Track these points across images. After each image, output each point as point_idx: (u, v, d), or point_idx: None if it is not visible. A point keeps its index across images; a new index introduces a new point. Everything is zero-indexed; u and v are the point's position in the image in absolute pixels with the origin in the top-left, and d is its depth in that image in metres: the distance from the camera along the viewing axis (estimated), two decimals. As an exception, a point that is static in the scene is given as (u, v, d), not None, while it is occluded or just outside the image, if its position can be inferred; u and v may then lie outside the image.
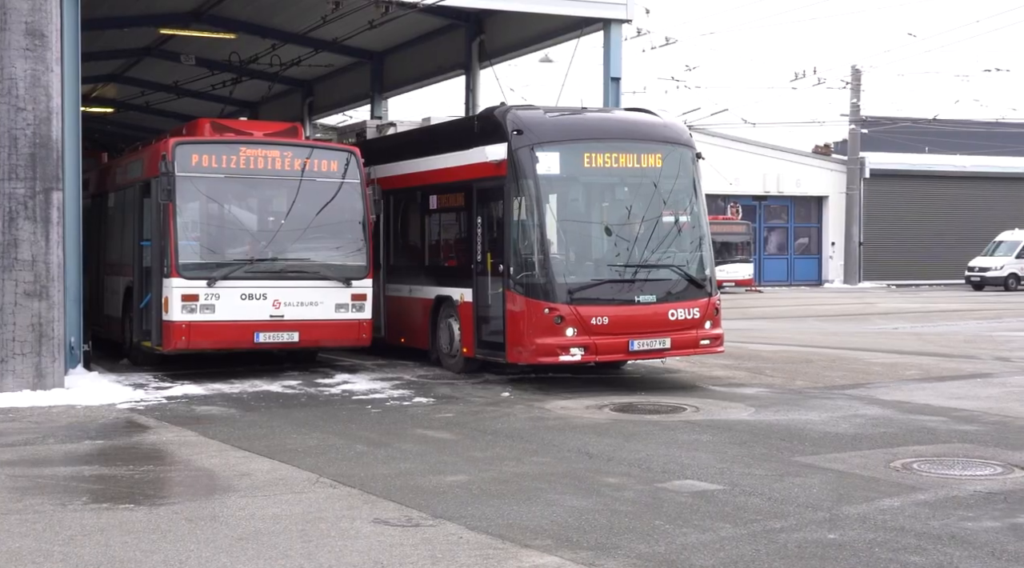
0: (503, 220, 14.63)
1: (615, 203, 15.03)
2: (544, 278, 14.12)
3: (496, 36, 23.31)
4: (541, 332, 14.03)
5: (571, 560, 6.94)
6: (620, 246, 14.64)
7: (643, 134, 15.16)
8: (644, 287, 14.51)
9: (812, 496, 8.59)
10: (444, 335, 16.24)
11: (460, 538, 7.44)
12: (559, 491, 8.78)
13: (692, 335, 14.69)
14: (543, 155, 14.33)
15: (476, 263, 15.35)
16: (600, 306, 14.22)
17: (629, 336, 14.27)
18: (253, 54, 26.19)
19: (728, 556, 7.00)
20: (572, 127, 14.91)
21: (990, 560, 6.91)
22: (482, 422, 12.20)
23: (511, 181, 14.43)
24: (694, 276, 14.96)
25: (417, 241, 17.65)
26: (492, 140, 14.82)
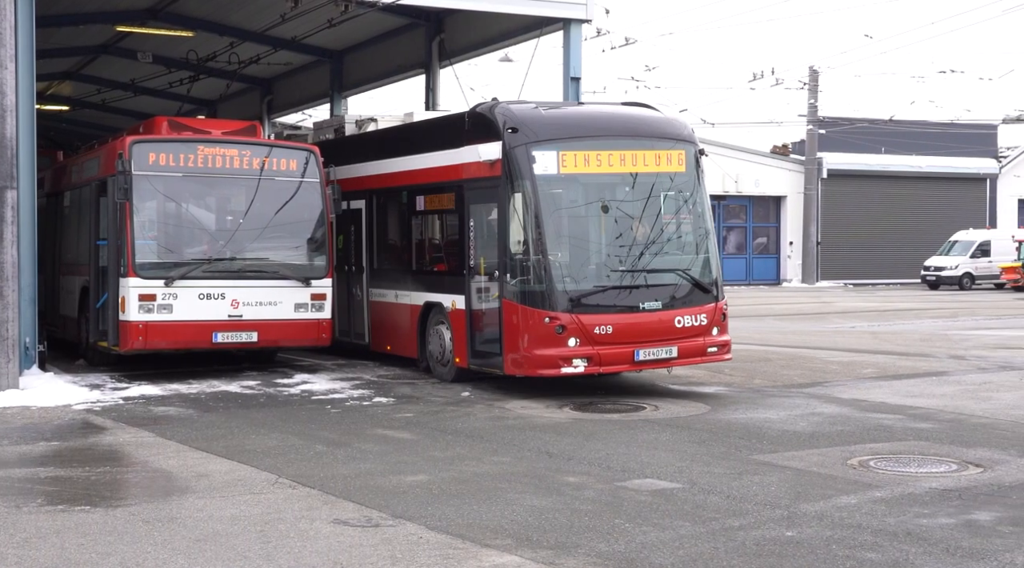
0: (498, 223, 13.80)
1: (616, 204, 13.95)
2: (544, 285, 13.24)
3: (456, 35, 23.30)
4: (541, 342, 13.18)
5: (531, 559, 6.95)
6: (623, 250, 13.71)
7: (645, 131, 14.28)
8: (649, 293, 13.64)
9: (770, 494, 8.65)
10: (434, 343, 15.36)
11: (420, 538, 7.43)
12: (519, 490, 8.78)
13: (699, 343, 13.86)
14: (540, 154, 13.49)
15: (469, 268, 14.42)
16: (603, 314, 13.34)
17: (634, 345, 13.41)
18: (211, 52, 26.01)
19: (687, 554, 7.04)
20: (570, 124, 14.15)
21: (945, 556, 6.99)
22: (442, 422, 12.18)
23: (506, 182, 13.57)
24: (701, 280, 14.10)
25: (403, 244, 16.77)
26: (485, 138, 13.97)
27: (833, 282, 50.88)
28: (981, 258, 47.30)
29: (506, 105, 14.21)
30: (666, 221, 14.17)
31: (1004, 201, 56.87)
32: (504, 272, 13.61)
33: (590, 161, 13.79)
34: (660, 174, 14.07)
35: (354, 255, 17.67)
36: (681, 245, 14.31)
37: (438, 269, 15.63)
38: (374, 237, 17.35)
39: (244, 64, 26.24)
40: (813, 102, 49.75)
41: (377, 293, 17.05)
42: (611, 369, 13.56)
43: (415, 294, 15.90)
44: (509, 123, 13.71)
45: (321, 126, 20.21)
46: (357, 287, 17.52)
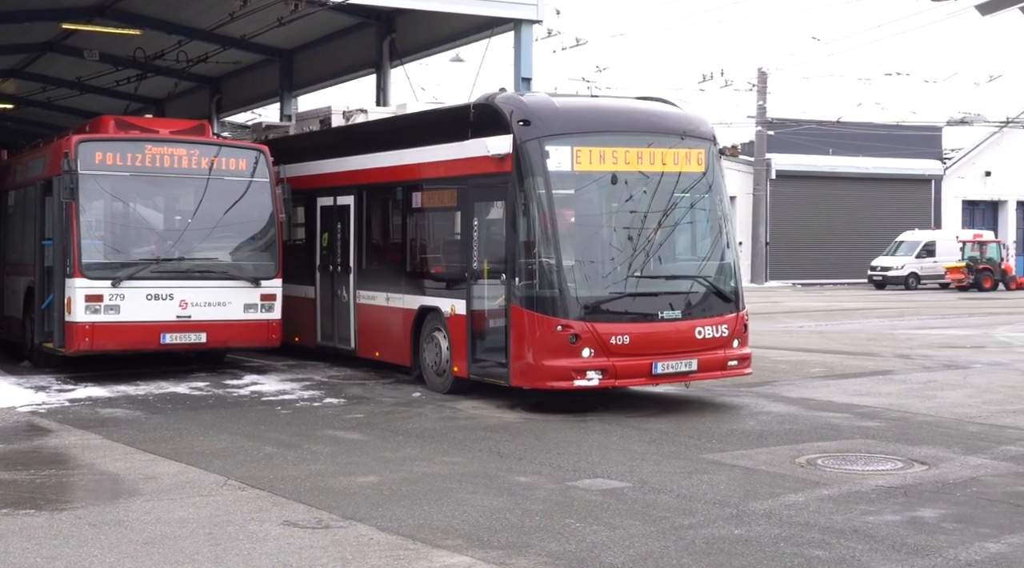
0: (505, 223, 12.82)
1: (633, 204, 12.92)
2: (556, 290, 12.30)
3: (407, 35, 23.24)
4: (552, 352, 12.25)
5: (482, 559, 6.96)
6: (640, 254, 12.78)
7: (664, 127, 13.29)
8: (668, 301, 12.74)
9: (720, 493, 8.71)
10: (430, 351, 14.26)
11: (371, 539, 7.41)
12: (470, 491, 8.78)
13: (720, 355, 12.96)
14: (554, 149, 12.52)
15: (471, 271, 13.34)
16: (620, 323, 12.42)
17: (652, 357, 12.49)
18: (159, 50, 25.74)
19: (637, 553, 7.07)
20: (585, 117, 13.11)
21: (890, 553, 7.08)
22: (393, 423, 12.15)
23: (516, 179, 12.58)
24: (722, 288, 13.24)
25: (397, 243, 15.62)
26: (493, 131, 12.98)
27: (782, 282, 51.36)
28: (926, 258, 47.97)
29: (517, 96, 13.41)
30: (686, 223, 13.41)
31: (948, 202, 57.70)
32: (512, 275, 12.65)
33: (606, 158, 12.80)
34: (681, 173, 13.17)
35: (340, 254, 16.65)
36: (701, 250, 13.48)
37: (435, 271, 14.66)
38: (363, 235, 16.27)
39: (192, 63, 26.00)
40: (762, 103, 50.17)
41: (365, 295, 15.96)
42: (627, 382, 12.72)
43: (409, 297, 14.84)
44: (520, 115, 12.78)
45: (305, 117, 19.24)
46: (343, 288, 16.50)
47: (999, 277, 46.32)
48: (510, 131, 12.75)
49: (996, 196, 58.63)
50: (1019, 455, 10.25)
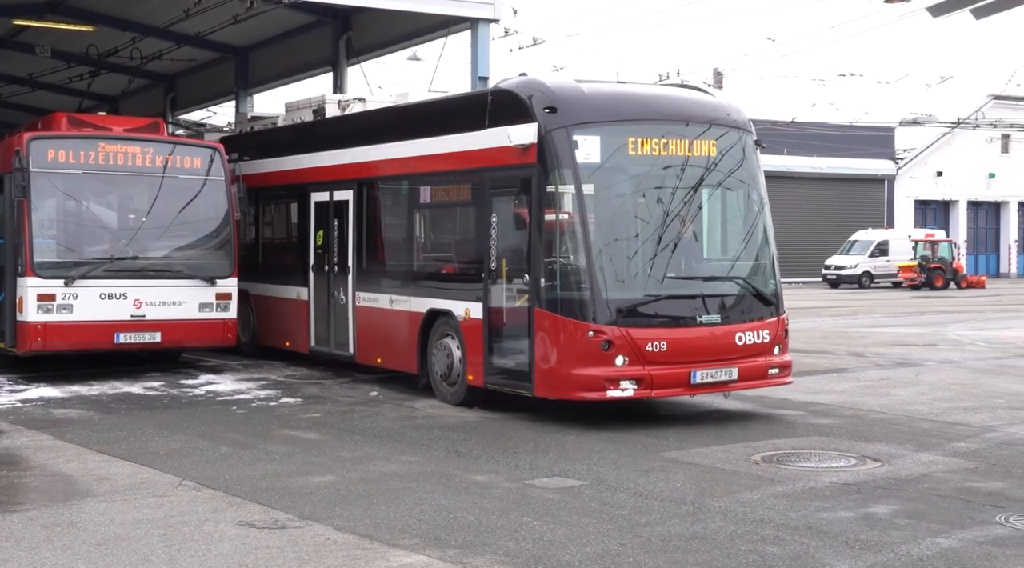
0: (530, 219, 11.79)
1: (667, 198, 11.92)
2: (587, 293, 11.35)
3: (364, 33, 23.16)
4: (583, 361, 11.32)
5: (439, 558, 6.95)
6: (677, 253, 11.86)
7: (699, 115, 12.29)
8: (707, 304, 11.85)
9: (676, 490, 8.76)
10: (439, 358, 13.21)
11: (327, 539, 7.38)
12: (427, 490, 8.78)
13: (760, 363, 12.10)
14: (583, 139, 11.55)
15: (489, 271, 12.33)
16: (657, 328, 11.51)
17: (690, 365, 11.58)
18: (112, 47, 25.51)
19: (594, 551, 7.10)
20: (617, 105, 12.10)
21: (844, 549, 7.15)
22: (350, 422, 12.12)
23: (541, 171, 11.61)
24: (762, 290, 12.31)
25: (402, 241, 14.53)
26: (515, 119, 12.01)
27: (737, 281, 51.66)
28: (880, 257, 48.50)
29: (541, 80, 12.32)
30: (724, 220, 12.58)
31: (901, 201, 58.37)
32: (536, 276, 11.65)
33: (638, 148, 11.80)
34: (717, 165, 12.22)
35: (337, 254, 15.51)
36: (739, 247, 12.59)
37: (446, 272, 13.63)
38: (363, 233, 15.09)
39: (146, 60, 25.79)
40: (717, 103, 50.42)
41: (366, 297, 14.81)
42: (664, 393, 11.83)
43: (416, 300, 13.74)
44: (546, 101, 11.82)
45: (295, 107, 17.93)
46: (340, 290, 15.35)
47: (950, 276, 46.90)
48: (534, 119, 11.79)
49: (947, 196, 59.41)
50: (969, 451, 10.39)
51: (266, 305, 17.49)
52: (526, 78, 12.54)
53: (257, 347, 17.81)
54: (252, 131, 18.84)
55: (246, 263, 17.47)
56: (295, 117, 17.64)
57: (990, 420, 12.18)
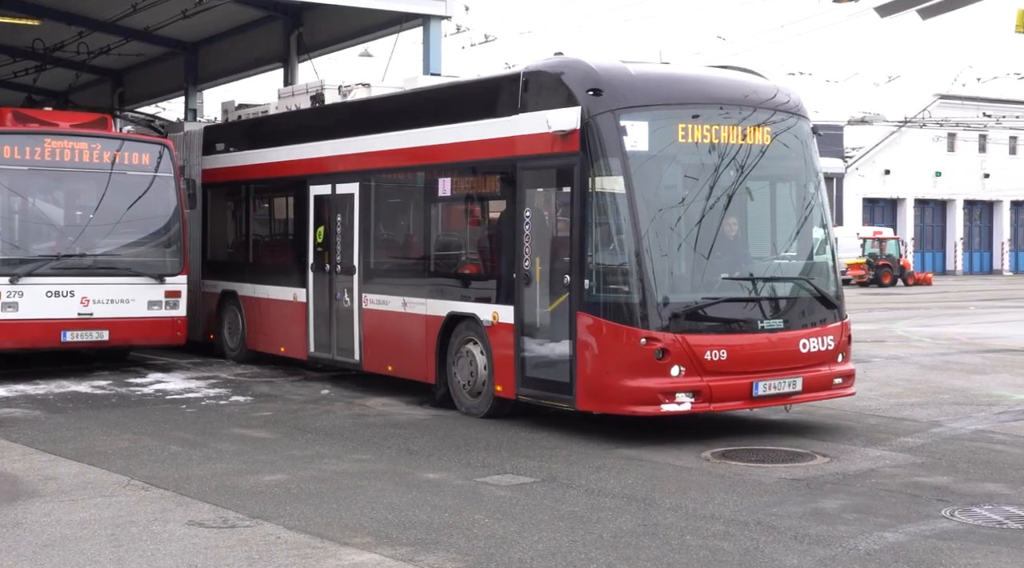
0: (572, 214, 10.75)
1: (723, 191, 10.91)
2: (638, 295, 10.28)
3: (315, 29, 23.06)
4: (634, 371, 10.25)
5: (390, 557, 6.93)
6: (734, 251, 11.03)
7: (755, 99, 11.28)
8: (769, 308, 10.85)
9: (628, 487, 8.80)
10: (462, 367, 12.15)
11: (278, 538, 7.34)
12: (379, 488, 8.75)
13: (825, 373, 11.11)
14: (631, 125, 10.49)
15: (521, 271, 11.26)
16: (715, 334, 10.51)
17: (752, 376, 10.55)
18: (59, 41, 25.15)
19: (546, 547, 7.11)
20: (667, 87, 11.09)
21: (792, 544, 7.22)
22: (301, 420, 12.05)
23: (585, 160, 10.56)
24: (826, 291, 11.32)
25: (417, 238, 13.36)
26: (552, 103, 11.00)
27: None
28: (828, 254, 48.92)
29: (582, 60, 11.14)
30: (782, 214, 11.64)
31: (850, 199, 59.01)
32: (580, 276, 10.58)
33: (692, 135, 10.77)
34: (775, 154, 11.27)
35: (341, 252, 14.31)
36: (801, 246, 11.63)
37: (470, 272, 12.48)
38: (371, 229, 13.92)
39: (94, 55, 25.43)
40: (669, 102, 50.67)
41: (374, 300, 13.59)
42: (723, 406, 10.70)
43: (433, 302, 12.60)
44: (589, 83, 10.73)
45: (289, 94, 16.70)
46: (344, 292, 14.15)
47: (898, 273, 47.50)
48: (576, 102, 10.72)
49: (895, 194, 60.15)
50: (916, 446, 10.52)
51: (258, 308, 16.26)
52: (564, 58, 11.51)
53: (247, 353, 16.60)
54: (240, 120, 17.62)
55: (235, 262, 16.99)
56: (289, 104, 16.39)
57: (936, 415, 12.35)
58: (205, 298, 17.59)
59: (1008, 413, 12.51)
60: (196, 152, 17.95)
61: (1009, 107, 57.10)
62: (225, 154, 17.38)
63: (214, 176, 17.63)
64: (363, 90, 15.15)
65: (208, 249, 17.91)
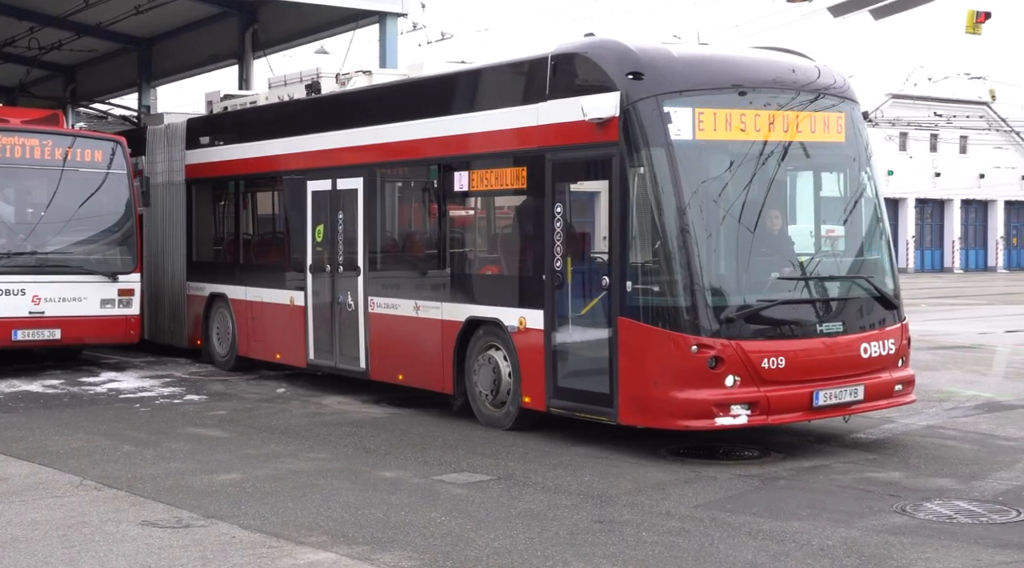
0: (611, 209, 9.91)
1: (774, 183, 10.21)
2: (688, 298, 9.45)
3: (270, 26, 22.94)
4: (683, 380, 9.43)
5: (347, 555, 6.92)
6: (787, 248, 10.30)
7: (809, 83, 10.43)
8: (827, 310, 10.08)
9: (584, 484, 8.83)
10: (483, 376, 11.26)
11: (233, 537, 7.29)
12: (335, 487, 8.72)
13: (886, 380, 10.30)
14: (676, 111, 9.66)
15: (552, 272, 10.41)
16: (772, 340, 9.69)
17: (812, 384, 9.73)
18: (9, 37, 24.88)
19: (502, 545, 7.12)
20: (714, 69, 10.20)
21: (747, 539, 7.28)
22: (257, 419, 11.98)
23: (625, 150, 9.72)
24: (884, 291, 10.49)
25: (430, 237, 12.45)
26: (587, 88, 10.14)
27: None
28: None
29: (619, 41, 10.24)
30: (839, 209, 10.77)
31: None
32: (621, 278, 9.75)
33: (734, 123, 9.91)
34: (830, 143, 10.52)
35: (343, 252, 13.35)
36: (859, 242, 10.78)
37: (491, 273, 11.70)
38: (378, 227, 13.03)
39: (45, 50, 25.16)
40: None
41: (382, 303, 12.68)
42: (782, 419, 9.85)
43: (450, 306, 11.72)
44: (629, 66, 9.86)
45: (281, 83, 15.71)
46: (348, 294, 13.17)
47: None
48: (614, 87, 9.84)
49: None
50: (868, 442, 10.63)
51: (250, 312, 15.17)
52: (598, 38, 10.52)
53: (238, 360, 15.49)
54: (228, 112, 16.53)
55: (224, 263, 16.05)
56: (281, 94, 15.39)
57: (888, 411, 12.47)
58: (190, 301, 16.54)
59: (958, 409, 12.67)
60: (179, 146, 16.80)
61: (960, 107, 57.80)
62: (212, 148, 16.20)
63: (200, 171, 16.46)
64: (364, 78, 14.31)
65: (194, 249, 16.70)
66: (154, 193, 16.82)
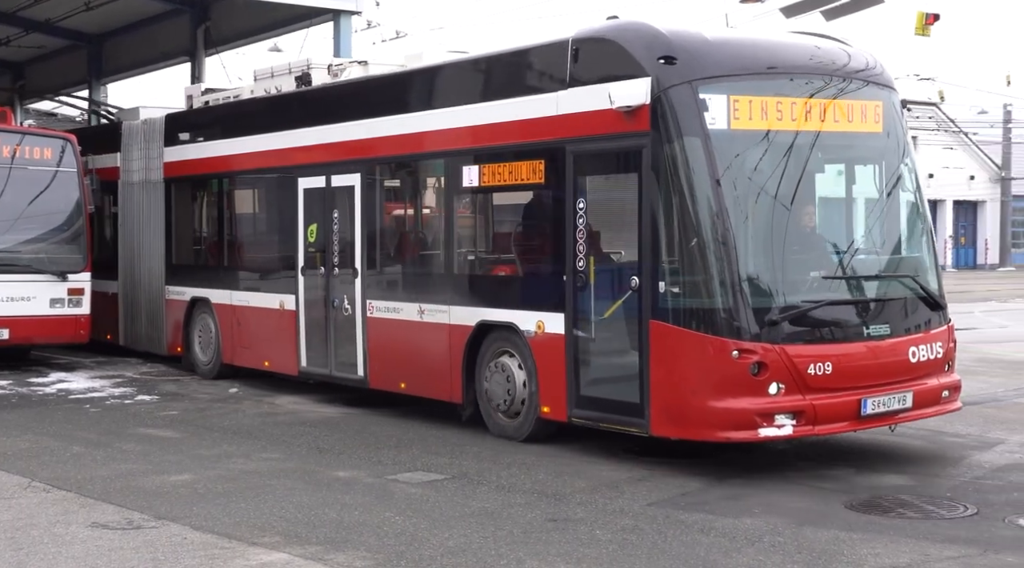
0: (641, 204, 9.22)
1: (815, 175, 9.70)
2: (728, 299, 8.78)
3: (223, 23, 22.77)
4: (723, 388, 8.73)
5: (300, 556, 6.88)
6: (830, 245, 9.65)
7: (849, 69, 9.80)
8: (873, 311, 9.40)
9: (538, 482, 8.84)
10: (496, 383, 10.61)
11: (184, 539, 7.23)
12: (289, 487, 8.68)
13: (934, 385, 9.64)
14: (712, 99, 9.03)
15: (573, 272, 9.76)
16: (818, 344, 9.05)
17: (860, 391, 9.07)
18: (-44, 33, 24.55)
19: (456, 544, 7.12)
20: (750, 54, 9.54)
21: (700, 536, 7.32)
22: (209, 419, 11.89)
23: (658, 141, 9.04)
24: (932, 291, 9.86)
25: (435, 236, 11.84)
26: (613, 75, 9.46)
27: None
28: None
29: (647, 23, 9.60)
30: (881, 203, 10.07)
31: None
32: (652, 278, 9.07)
33: (770, 111, 9.24)
34: (872, 133, 9.90)
35: (339, 253, 12.59)
36: (900, 237, 10.17)
37: (505, 274, 11.06)
38: (378, 227, 12.32)
39: (-7, 46, 24.88)
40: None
41: (383, 307, 11.95)
42: (829, 429, 9.17)
43: (459, 310, 11.03)
44: (660, 50, 9.18)
45: (268, 74, 14.71)
46: (344, 298, 12.45)
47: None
48: (645, 73, 9.18)
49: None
50: (820, 439, 10.69)
51: (236, 317, 14.33)
52: (623, 21, 9.88)
53: (223, 368, 14.62)
54: (210, 106, 15.64)
55: (207, 266, 15.22)
56: (268, 86, 14.47)
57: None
58: (170, 306, 15.63)
59: (908, 406, 12.80)
60: (156, 142, 15.93)
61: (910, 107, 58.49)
62: (193, 144, 15.33)
63: (180, 169, 15.58)
64: (359, 69, 13.52)
65: (173, 251, 15.78)
66: (130, 192, 16.41)
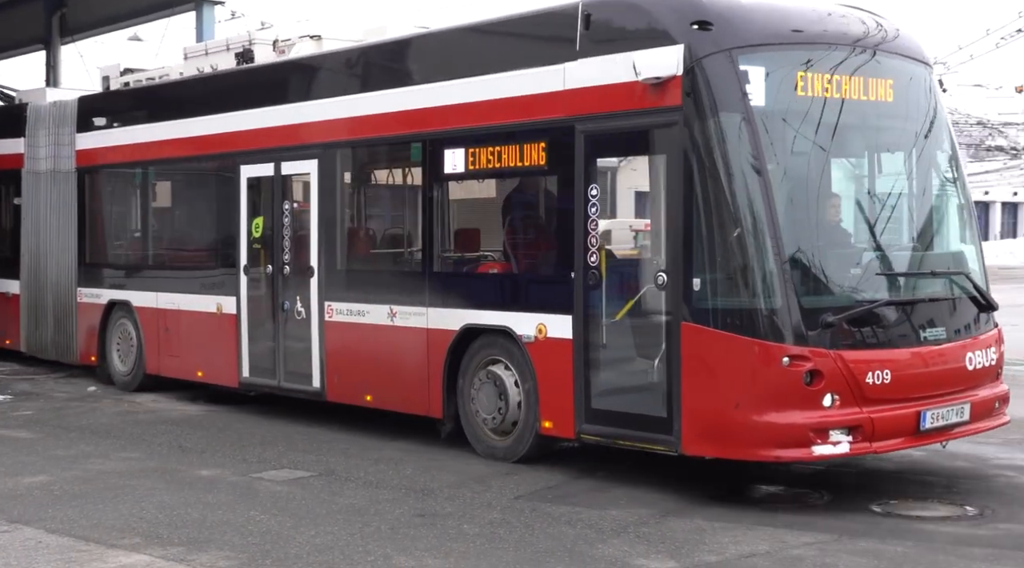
0: (668, 191, 8.17)
1: (868, 160, 8.77)
2: (776, 299, 7.69)
3: (80, 10, 22.11)
4: (771, 400, 7.64)
5: (161, 557, 6.73)
6: (883, 240, 8.53)
7: (891, 45, 8.76)
8: (929, 313, 8.36)
9: (406, 478, 8.81)
10: (484, 396, 9.38)
11: (39, 543, 7.01)
12: (149, 487, 8.48)
13: (987, 395, 8.59)
14: (754, 70, 7.92)
15: (586, 268, 8.57)
16: (875, 349, 7.99)
17: (918, 403, 8.01)
18: None
19: (323, 542, 7.05)
20: (794, 21, 8.38)
21: (567, 528, 7.39)
22: (65, 419, 11.55)
23: (693, 117, 7.90)
24: (984, 290, 8.75)
25: (410, 228, 10.77)
26: (635, 43, 8.29)
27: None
28: (604, 247, 50.32)
29: None
30: (926, 190, 8.95)
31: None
32: (685, 275, 7.93)
33: (827, 85, 8.20)
34: (914, 114, 8.84)
35: (290, 249, 11.27)
36: (950, 232, 9.15)
37: (495, 271, 9.79)
38: (338, 219, 10.95)
39: None
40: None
41: (344, 309, 10.59)
42: (886, 446, 8.04)
43: (438, 312, 9.76)
44: (694, 14, 8.05)
45: (201, 52, 13.44)
46: (296, 299, 11.10)
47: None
48: (676, 40, 8.03)
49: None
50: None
51: (163, 322, 12.84)
52: None
53: (145, 379, 13.13)
54: (131, 88, 14.14)
55: (127, 266, 13.74)
56: (202, 65, 13.08)
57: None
58: (83, 311, 14.04)
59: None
60: (68, 128, 14.30)
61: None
62: (112, 130, 13.75)
63: (96, 157, 13.95)
64: (312, 44, 11.92)
65: (87, 250, 14.16)
66: (36, 182, 14.71)
